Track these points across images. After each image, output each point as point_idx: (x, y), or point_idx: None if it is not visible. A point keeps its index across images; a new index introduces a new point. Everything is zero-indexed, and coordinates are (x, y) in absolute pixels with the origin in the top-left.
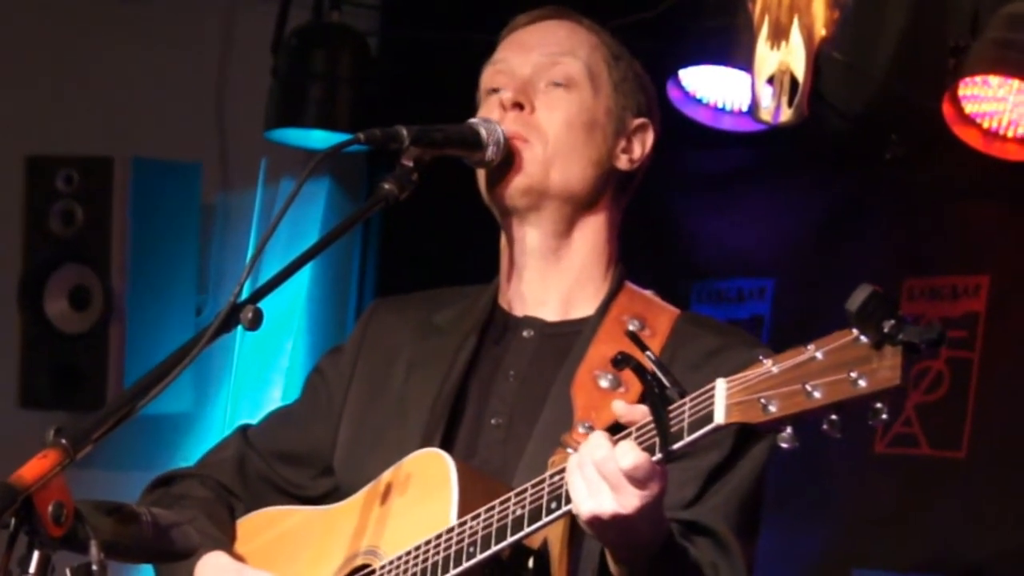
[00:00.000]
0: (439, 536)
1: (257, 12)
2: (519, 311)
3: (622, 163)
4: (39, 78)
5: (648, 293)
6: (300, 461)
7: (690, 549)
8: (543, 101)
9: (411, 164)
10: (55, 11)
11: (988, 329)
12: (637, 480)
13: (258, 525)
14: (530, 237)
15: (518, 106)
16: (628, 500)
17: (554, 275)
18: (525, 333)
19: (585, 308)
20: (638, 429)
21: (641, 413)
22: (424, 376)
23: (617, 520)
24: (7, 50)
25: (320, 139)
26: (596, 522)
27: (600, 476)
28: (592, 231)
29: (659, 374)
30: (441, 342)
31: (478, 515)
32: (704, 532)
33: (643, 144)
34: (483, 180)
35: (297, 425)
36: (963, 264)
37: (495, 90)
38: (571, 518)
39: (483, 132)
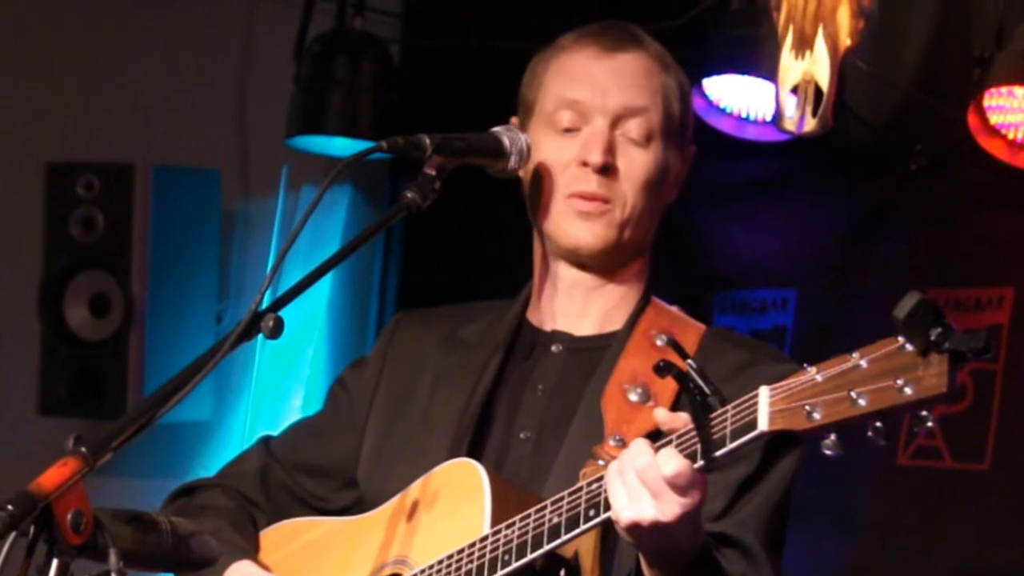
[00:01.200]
0: (472, 544)
1: (279, 19)
2: (549, 326)
3: (673, 194)
4: (60, 84)
5: (674, 309)
6: (323, 473)
7: (722, 561)
8: (622, 157)
9: (434, 173)
10: (76, 18)
11: (1012, 341)
12: (679, 487)
13: (282, 536)
14: (582, 276)
15: (605, 169)
16: (669, 507)
17: (596, 300)
18: (554, 348)
19: (613, 323)
20: (679, 437)
21: (683, 421)
22: (451, 390)
23: (657, 527)
24: (28, 56)
25: (342, 147)
26: (635, 529)
27: (641, 483)
28: (639, 261)
29: (700, 382)
30: (467, 356)
31: (513, 523)
32: (733, 544)
33: (688, 168)
34: (544, 219)
35: (320, 437)
36: (987, 276)
37: (568, 130)
38: (602, 529)
39: (506, 141)
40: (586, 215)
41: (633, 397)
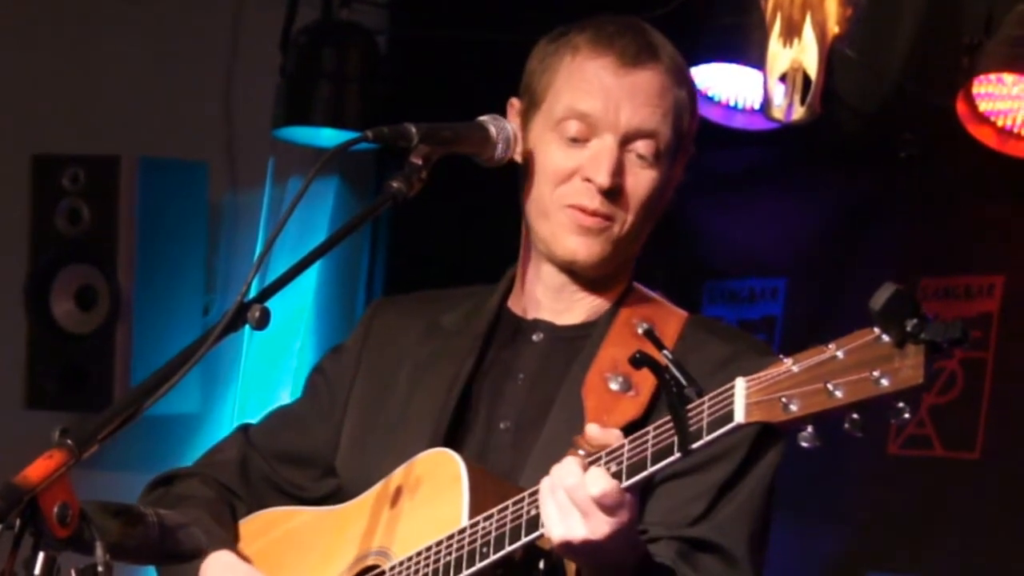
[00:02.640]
0: (451, 536)
1: (265, 10)
2: (531, 314)
3: (670, 197)
4: (46, 76)
5: (656, 295)
6: (302, 462)
7: (684, 570)
8: (628, 176)
9: (420, 162)
10: (62, 10)
11: (1002, 329)
12: (606, 507)
13: (261, 526)
14: (570, 280)
15: (610, 190)
16: (598, 526)
17: (583, 299)
18: (534, 336)
19: (594, 311)
20: (655, 428)
21: (615, 436)
22: (430, 378)
23: (588, 544)
24: (13, 48)
25: (328, 137)
26: (568, 546)
27: (571, 502)
28: (628, 260)
29: (676, 373)
30: (448, 344)
31: (491, 515)
32: (711, 549)
33: (684, 169)
34: (538, 219)
35: (299, 426)
36: (977, 264)
37: (575, 140)
38: None
39: (492, 130)
40: (585, 230)
41: (614, 386)
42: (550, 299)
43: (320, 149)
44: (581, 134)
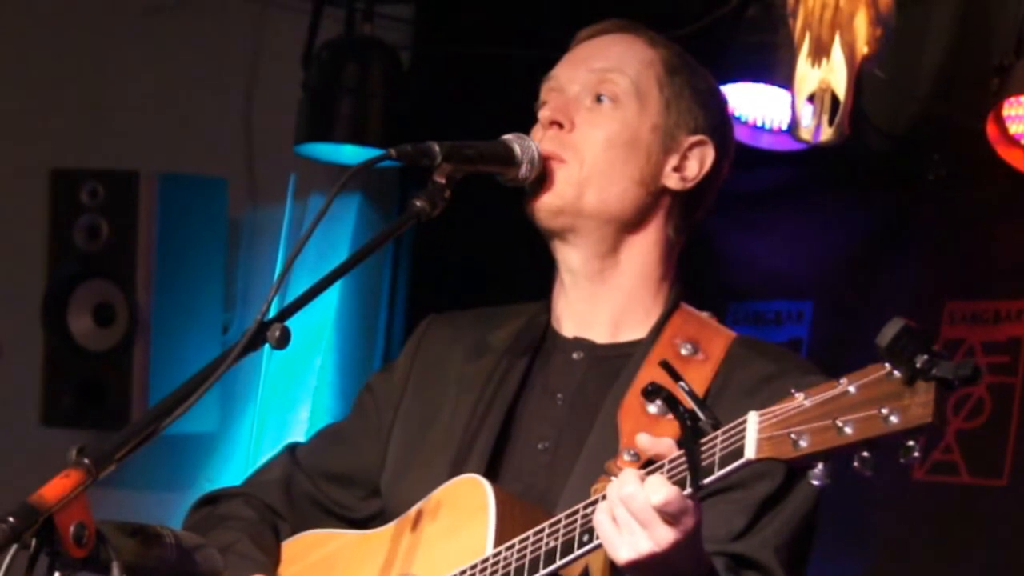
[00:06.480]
0: (474, 566)
1: (287, 25)
2: (569, 331)
3: (672, 182)
4: (65, 91)
5: (704, 315)
6: (348, 482)
7: None
8: (585, 118)
9: (443, 181)
10: (82, 24)
11: None
12: (669, 515)
13: (301, 548)
14: (572, 258)
15: (557, 124)
16: (662, 536)
17: (602, 296)
18: (575, 355)
19: (636, 331)
20: (670, 462)
21: (667, 446)
22: (474, 397)
23: (655, 558)
24: (33, 63)
25: (351, 154)
26: (635, 565)
27: (630, 515)
28: (640, 252)
29: (693, 406)
30: (492, 362)
31: (512, 545)
32: (752, 566)
33: (700, 162)
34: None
35: (346, 444)
36: (1006, 288)
37: (544, 104)
38: None
39: (517, 149)
40: (544, 182)
41: (652, 409)
42: (573, 295)
43: (342, 166)
44: (549, 99)
